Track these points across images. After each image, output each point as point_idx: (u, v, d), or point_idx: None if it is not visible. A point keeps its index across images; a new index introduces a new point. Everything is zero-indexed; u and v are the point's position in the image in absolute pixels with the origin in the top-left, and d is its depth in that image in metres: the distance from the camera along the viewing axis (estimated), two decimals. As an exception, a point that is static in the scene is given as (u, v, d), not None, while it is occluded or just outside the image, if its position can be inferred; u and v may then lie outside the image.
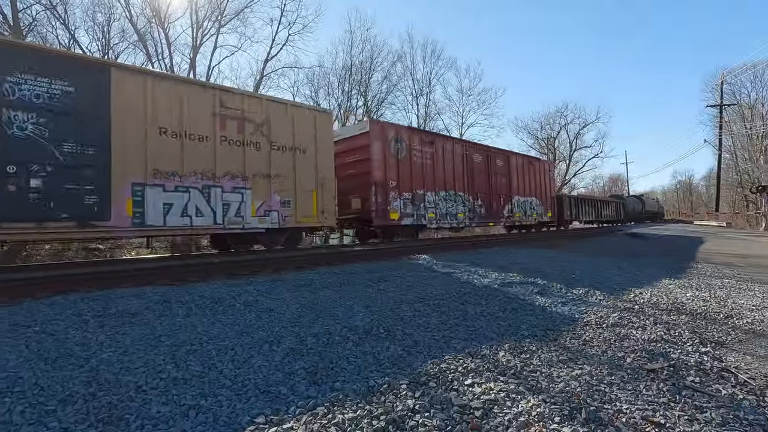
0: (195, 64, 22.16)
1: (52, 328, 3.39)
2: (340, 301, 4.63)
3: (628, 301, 5.09)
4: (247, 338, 3.28)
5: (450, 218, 12.76)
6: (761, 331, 4.04)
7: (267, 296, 4.81)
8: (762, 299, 5.55)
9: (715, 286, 6.49)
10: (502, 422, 2.11)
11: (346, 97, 28.95)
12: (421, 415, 2.14)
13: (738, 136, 41.08)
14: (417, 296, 4.99)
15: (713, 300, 5.36)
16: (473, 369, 2.79)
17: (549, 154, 46.32)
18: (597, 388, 2.55)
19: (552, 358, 3.04)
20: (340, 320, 3.86)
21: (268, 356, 2.91)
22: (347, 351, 3.05)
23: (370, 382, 2.52)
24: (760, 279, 7.33)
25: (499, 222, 15.53)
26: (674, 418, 2.21)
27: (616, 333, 3.73)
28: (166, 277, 5.96)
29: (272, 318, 3.90)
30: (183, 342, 3.15)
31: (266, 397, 2.30)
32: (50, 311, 3.89)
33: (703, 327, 4.09)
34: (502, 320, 4.02)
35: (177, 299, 4.57)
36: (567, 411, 2.24)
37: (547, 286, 5.64)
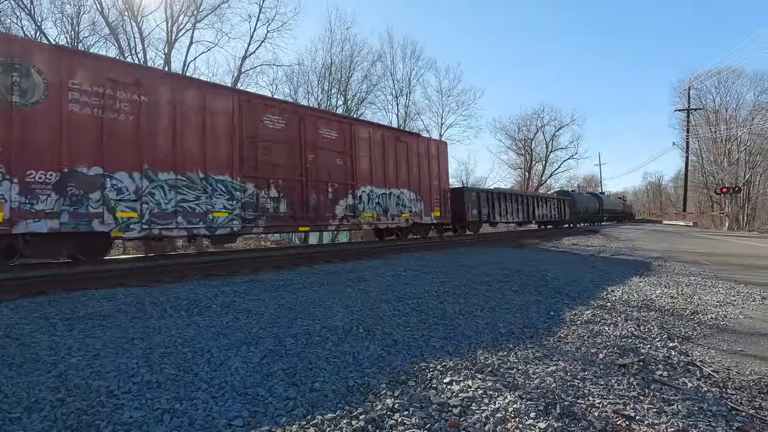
0: (170, 59, 21.59)
1: (16, 332, 3.25)
2: (319, 301, 4.60)
3: (601, 299, 5.24)
4: (224, 340, 3.22)
5: (187, 219, 7.61)
6: (724, 326, 4.23)
7: (245, 297, 4.74)
8: (725, 296, 5.80)
9: (682, 283, 6.75)
10: (479, 419, 2.14)
11: (326, 96, 28.78)
12: (401, 414, 2.16)
13: (704, 139, 42.90)
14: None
15: (680, 297, 5.58)
16: (452, 367, 2.82)
17: (526, 155, 47.29)
18: (571, 383, 2.62)
19: (528, 355, 3.10)
20: (319, 320, 3.84)
21: (246, 358, 2.87)
22: (326, 351, 3.04)
23: (350, 382, 2.52)
24: (724, 276, 7.66)
25: (327, 225, 10.29)
26: (643, 411, 2.29)
27: (590, 330, 3.83)
28: (140, 278, 5.80)
29: (250, 319, 3.85)
30: (157, 344, 3.07)
31: (243, 400, 2.27)
32: (14, 315, 3.73)
33: (671, 323, 4.25)
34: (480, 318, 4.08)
35: (151, 301, 4.45)
36: (542, 406, 2.29)
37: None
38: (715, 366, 3.07)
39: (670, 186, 70.71)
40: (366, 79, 30.74)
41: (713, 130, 41.58)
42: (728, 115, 42.03)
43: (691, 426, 2.14)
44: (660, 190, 74.86)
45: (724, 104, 43.03)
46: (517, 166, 48.30)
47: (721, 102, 43.32)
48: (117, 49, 20.26)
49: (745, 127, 38.47)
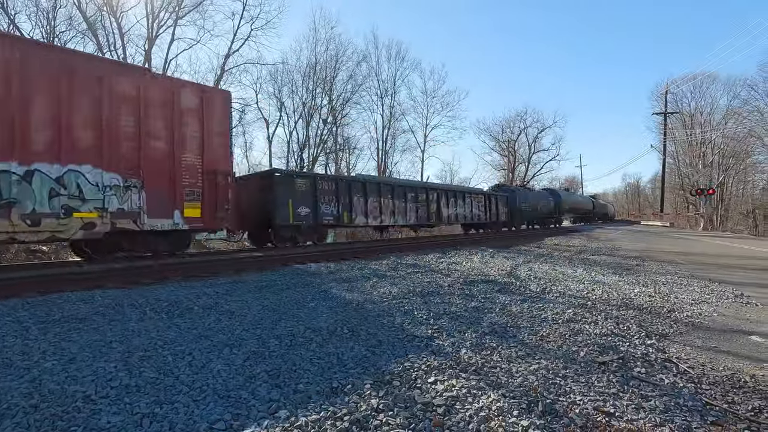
0: (150, 56, 21.15)
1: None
2: (303, 302, 4.57)
3: (582, 298, 5.33)
4: (205, 342, 3.17)
5: None
6: (699, 324, 4.36)
7: (227, 298, 4.68)
8: (700, 294, 5.98)
9: (659, 282, 6.93)
10: (463, 418, 2.16)
11: (310, 96, 28.61)
12: (385, 414, 2.15)
13: (680, 142, 44.15)
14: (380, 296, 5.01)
15: (658, 295, 5.72)
16: (436, 367, 2.83)
17: (509, 156, 47.90)
18: (553, 381, 2.66)
19: (511, 354, 3.14)
20: (303, 321, 3.81)
21: (228, 360, 2.83)
22: (310, 352, 3.02)
23: (334, 383, 2.51)
24: (699, 275, 7.90)
25: None
26: (623, 407, 2.34)
27: (571, 328, 3.90)
28: (118, 280, 5.67)
29: (233, 321, 3.80)
30: (136, 348, 3.00)
31: (226, 403, 2.23)
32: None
33: (649, 321, 4.35)
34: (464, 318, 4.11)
35: (130, 303, 4.35)
36: (525, 405, 2.32)
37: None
38: (690, 362, 3.16)
39: (648, 187, 72.63)
40: (351, 79, 30.74)
41: (689, 133, 42.86)
42: (703, 118, 43.40)
43: (668, 421, 2.20)
44: (638, 192, 76.80)
45: (699, 108, 44.42)
46: (501, 168, 48.92)
47: (697, 106, 44.71)
48: (95, 44, 19.76)
49: (719, 130, 39.75)
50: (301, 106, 28.57)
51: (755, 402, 2.47)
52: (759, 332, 4.07)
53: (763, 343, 3.72)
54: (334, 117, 29.91)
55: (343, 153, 31.62)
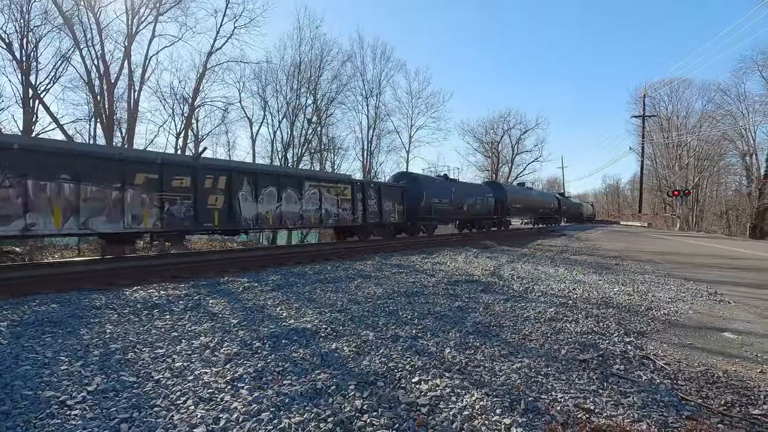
0: (130, 53, 20.66)
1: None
2: (287, 303, 4.53)
3: (563, 297, 5.42)
4: (186, 344, 3.11)
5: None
6: (675, 321, 4.48)
7: (210, 299, 4.60)
8: (676, 292, 6.15)
9: (638, 281, 7.09)
10: (447, 417, 2.17)
11: (295, 95, 28.38)
12: (369, 415, 2.15)
13: (657, 144, 45.32)
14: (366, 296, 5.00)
15: (636, 294, 5.86)
16: (420, 367, 2.84)
17: (493, 158, 48.43)
18: (535, 379, 2.70)
19: (495, 353, 3.17)
20: (287, 322, 3.78)
21: (210, 362, 2.78)
22: (295, 353, 2.99)
23: (318, 384, 2.49)
24: (675, 274, 8.12)
25: None
26: (602, 404, 2.39)
27: (553, 327, 3.96)
28: (96, 282, 5.52)
29: (215, 322, 3.74)
30: (114, 351, 2.93)
31: (206, 406, 2.19)
32: (-46, 322, 3.46)
33: (628, 319, 4.46)
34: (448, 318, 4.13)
35: (108, 305, 4.25)
36: (508, 403, 2.34)
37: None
38: (667, 359, 3.24)
39: (627, 188, 74.33)
40: (336, 79, 30.59)
41: (666, 136, 44.03)
42: (679, 122, 44.62)
43: (645, 417, 2.25)
44: (618, 193, 78.54)
45: (676, 112, 45.67)
46: (485, 168, 49.39)
47: (673, 110, 45.96)
48: (72, 40, 19.22)
49: (694, 133, 40.96)
50: (285, 106, 28.33)
51: (728, 396, 2.55)
52: (731, 329, 4.21)
53: (735, 340, 3.85)
54: (318, 117, 29.75)
55: (328, 153, 31.48)
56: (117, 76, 20.51)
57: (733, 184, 41.31)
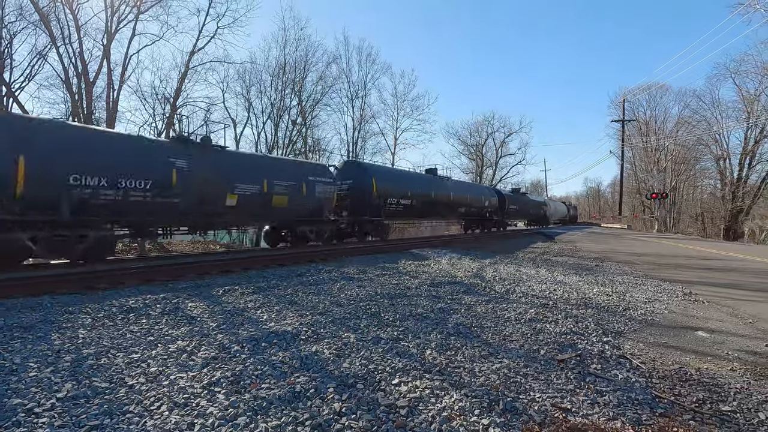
0: (109, 51, 20.18)
1: None
2: (268, 305, 4.48)
3: (544, 298, 5.49)
4: (162, 349, 3.04)
5: None
6: (651, 321, 4.58)
7: (188, 302, 4.51)
8: (653, 293, 6.29)
9: (616, 282, 7.24)
10: (426, 418, 2.17)
11: (279, 96, 28.15)
12: (348, 418, 2.13)
13: (636, 148, 46.43)
14: (348, 297, 4.98)
15: (614, 294, 5.98)
16: (401, 368, 2.83)
17: (477, 160, 48.91)
18: (514, 380, 2.72)
19: (475, 354, 3.18)
20: (267, 325, 3.73)
21: (186, 367, 2.73)
22: (274, 357, 2.95)
23: (297, 387, 2.46)
24: (652, 275, 8.31)
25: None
26: (579, 403, 2.42)
27: (533, 327, 4.01)
28: (71, 286, 5.37)
29: (193, 326, 3.67)
30: (87, 356, 2.84)
31: (181, 411, 2.14)
32: None
33: (606, 319, 4.54)
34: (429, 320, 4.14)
35: (82, 309, 4.13)
36: (486, 403, 2.36)
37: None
38: (642, 358, 3.31)
39: (608, 191, 75.83)
40: (321, 80, 30.43)
41: (644, 140, 45.13)
42: (657, 126, 45.85)
43: (620, 415, 2.29)
44: (599, 195, 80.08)
45: (654, 117, 46.94)
46: (469, 171, 49.80)
47: (652, 115, 47.21)
48: (48, 37, 18.70)
49: (671, 138, 42.09)
50: (269, 107, 28.06)
51: (700, 394, 2.62)
52: (704, 328, 4.32)
53: (708, 338, 3.95)
54: (303, 118, 29.57)
55: (313, 155, 31.29)
56: (96, 74, 20.01)
57: (708, 188, 42.61)
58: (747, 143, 34.40)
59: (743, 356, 3.44)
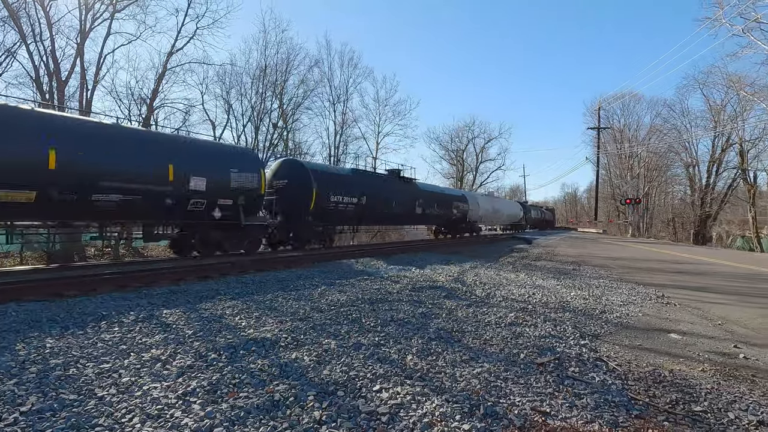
0: (83, 50, 19.60)
1: None
2: (247, 312, 4.39)
3: (523, 302, 5.56)
4: (135, 358, 2.94)
5: None
6: (626, 324, 4.69)
7: (163, 309, 4.39)
8: (628, 296, 6.46)
9: (593, 285, 7.40)
10: (407, 425, 2.15)
11: (260, 99, 27.83)
12: (328, 426, 2.10)
13: (611, 155, 47.81)
14: (329, 303, 4.93)
15: (591, 298, 6.11)
16: (382, 374, 2.81)
17: (458, 165, 49.46)
18: (494, 384, 2.73)
19: (456, 359, 3.19)
20: (246, 332, 3.65)
21: (160, 376, 2.64)
22: (252, 364, 2.89)
23: (276, 395, 2.41)
24: (627, 279, 8.53)
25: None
26: (558, 406, 2.45)
27: (513, 331, 4.04)
28: (38, 293, 5.15)
29: (168, 334, 3.56)
30: (54, 367, 2.72)
31: (155, 423, 2.07)
32: None
33: (583, 322, 4.62)
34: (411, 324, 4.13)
35: (50, 317, 3.97)
36: (467, 408, 2.36)
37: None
38: (618, 360, 3.38)
39: (584, 197, 77.73)
40: (302, 83, 30.22)
41: (619, 147, 46.53)
42: (631, 134, 47.32)
43: (597, 417, 2.32)
44: (576, 200, 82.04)
45: (628, 125, 48.44)
46: (450, 176, 50.29)
47: (625, 122, 48.71)
48: (18, 34, 18.03)
49: (644, 145, 43.49)
50: (250, 109, 27.70)
51: (673, 395, 2.68)
52: (677, 330, 4.45)
53: (680, 340, 4.07)
54: (284, 121, 29.31)
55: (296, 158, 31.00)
56: (68, 73, 19.39)
57: (679, 194, 44.20)
58: (714, 151, 35.87)
59: (713, 357, 3.55)
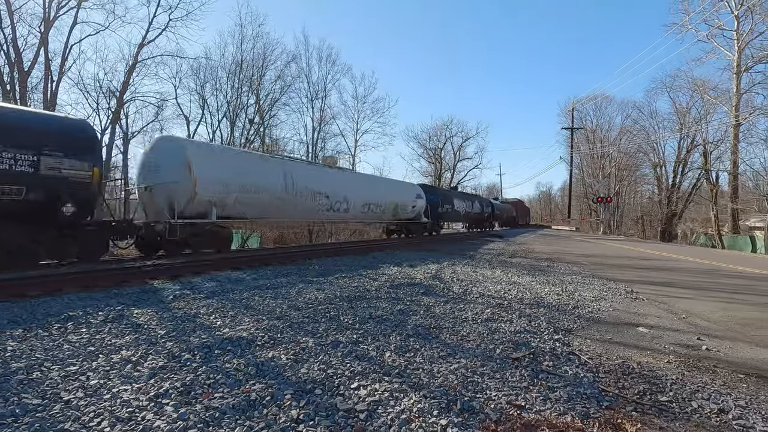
0: (47, 40, 18.76)
1: None
2: (223, 311, 4.30)
3: (499, 298, 5.66)
4: (104, 360, 2.84)
5: None
6: (598, 318, 4.84)
7: (135, 309, 4.26)
8: (599, 292, 6.66)
9: (566, 281, 7.60)
10: (385, 422, 2.15)
11: (236, 94, 27.31)
12: (305, 425, 2.08)
13: (584, 155, 49.21)
14: (306, 301, 4.89)
15: (564, 294, 6.27)
16: (360, 372, 2.81)
17: (436, 164, 49.88)
18: (471, 379, 2.77)
19: (433, 355, 3.22)
20: (221, 331, 3.58)
21: (131, 378, 2.56)
22: (227, 364, 2.84)
23: (252, 395, 2.37)
24: (599, 275, 8.81)
25: None
26: (532, 400, 2.51)
27: (489, 327, 4.11)
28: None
29: (139, 334, 3.45)
30: (16, 371, 2.60)
31: (125, 426, 2.00)
32: None
33: (557, 317, 4.74)
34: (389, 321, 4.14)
35: (12, 318, 3.79)
36: (444, 404, 2.38)
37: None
38: (590, 354, 3.48)
39: (558, 195, 79.84)
40: (280, 79, 29.88)
41: (591, 147, 47.94)
42: (602, 134, 48.87)
43: (570, 409, 2.39)
44: (550, 199, 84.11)
45: (600, 125, 49.99)
46: (428, 174, 50.67)
47: (598, 123, 50.28)
48: (-25, 21, 17.08)
49: (615, 145, 44.99)
50: (225, 104, 27.16)
51: (641, 386, 2.78)
52: (644, 324, 4.62)
53: (647, 334, 4.23)
54: (261, 117, 28.87)
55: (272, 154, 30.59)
56: (31, 64, 18.53)
57: (647, 193, 45.93)
58: (680, 152, 37.38)
59: (678, 349, 3.70)
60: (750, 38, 25.08)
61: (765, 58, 23.97)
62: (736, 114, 25.70)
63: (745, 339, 4.14)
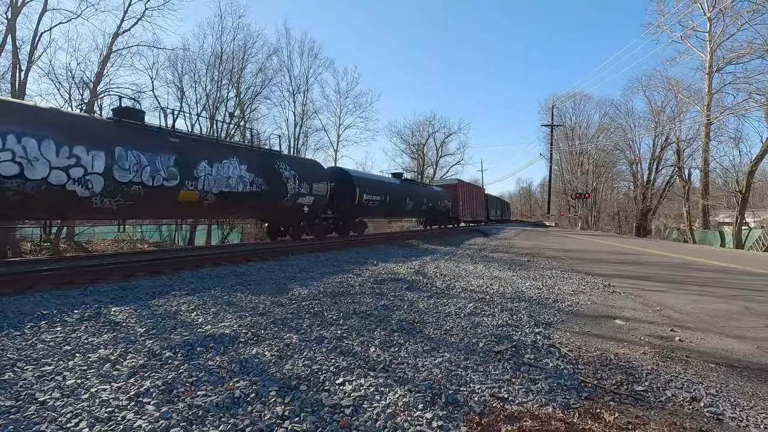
0: (14, 27, 17.92)
1: None
2: (204, 308, 4.24)
3: (481, 292, 5.74)
4: (81, 359, 2.76)
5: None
6: (577, 311, 4.96)
7: (113, 307, 4.15)
8: (578, 286, 6.82)
9: (546, 276, 7.76)
10: (371, 416, 2.16)
11: (215, 87, 26.72)
12: (291, 421, 2.07)
13: (563, 151, 50.13)
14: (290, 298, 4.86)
15: (545, 288, 6.40)
16: (345, 367, 2.81)
17: (419, 159, 50.04)
18: (455, 373, 2.81)
19: (418, 350, 3.24)
20: (203, 328, 3.52)
21: (110, 378, 2.49)
22: (210, 362, 2.80)
23: (236, 392, 2.35)
24: (577, 269, 9.02)
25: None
26: (515, 392, 2.56)
27: (472, 321, 4.17)
28: (-35, 291, 4.69)
29: (118, 332, 3.37)
30: (-13, 372, 2.50)
31: (104, 427, 1.96)
32: None
33: (538, 311, 4.84)
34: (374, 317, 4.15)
35: (-20, 318, 3.63)
36: (429, 397, 2.41)
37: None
38: (570, 346, 3.57)
39: (538, 191, 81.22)
40: (261, 72, 29.31)
41: (570, 144, 48.85)
42: (581, 132, 49.83)
43: (551, 401, 2.45)
44: (530, 195, 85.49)
45: (578, 123, 50.97)
46: (411, 170, 50.78)
47: (576, 121, 51.24)
48: (-64, 5, 16.19)
49: (593, 143, 45.95)
50: (204, 97, 26.55)
51: (618, 377, 2.87)
52: (621, 316, 4.76)
53: (624, 326, 4.36)
54: (242, 111, 28.35)
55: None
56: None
57: (624, 189, 47.10)
58: (655, 150, 38.44)
59: (652, 341, 3.83)
60: (721, 40, 25.89)
61: (735, 60, 24.79)
62: (708, 113, 26.56)
63: (715, 330, 4.31)
